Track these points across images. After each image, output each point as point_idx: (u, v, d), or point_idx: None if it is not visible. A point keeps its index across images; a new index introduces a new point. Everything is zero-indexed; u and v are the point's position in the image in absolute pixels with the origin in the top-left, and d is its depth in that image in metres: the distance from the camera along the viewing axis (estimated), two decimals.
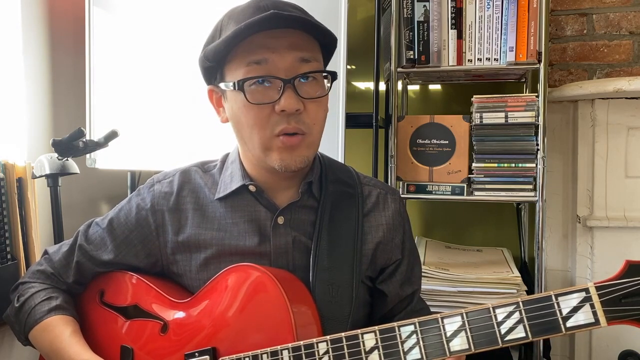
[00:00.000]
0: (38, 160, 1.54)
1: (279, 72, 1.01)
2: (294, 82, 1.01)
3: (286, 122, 1.02)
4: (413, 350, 0.86)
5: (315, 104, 1.04)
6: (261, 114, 1.02)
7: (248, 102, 1.02)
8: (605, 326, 0.74)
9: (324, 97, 1.06)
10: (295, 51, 1.02)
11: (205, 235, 1.12)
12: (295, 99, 1.01)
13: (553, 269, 2.14)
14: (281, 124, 1.02)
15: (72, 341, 1.09)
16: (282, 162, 1.04)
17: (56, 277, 1.19)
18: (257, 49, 1.01)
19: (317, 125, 1.06)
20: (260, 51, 1.01)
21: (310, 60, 1.03)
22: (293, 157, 1.04)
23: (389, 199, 1.19)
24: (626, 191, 1.98)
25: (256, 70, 1.01)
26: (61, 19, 1.91)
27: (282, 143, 1.03)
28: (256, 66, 1.01)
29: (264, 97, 1.02)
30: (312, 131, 1.05)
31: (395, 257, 1.17)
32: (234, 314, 1.00)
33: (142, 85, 1.83)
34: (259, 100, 1.02)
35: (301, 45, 1.03)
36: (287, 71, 1.01)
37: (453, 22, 1.80)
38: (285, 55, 1.01)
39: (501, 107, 1.78)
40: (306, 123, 1.03)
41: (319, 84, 1.05)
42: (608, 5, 2.12)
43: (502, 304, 0.82)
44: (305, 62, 1.03)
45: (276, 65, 1.01)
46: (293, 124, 1.02)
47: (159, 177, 1.20)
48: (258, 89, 1.02)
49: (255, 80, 1.01)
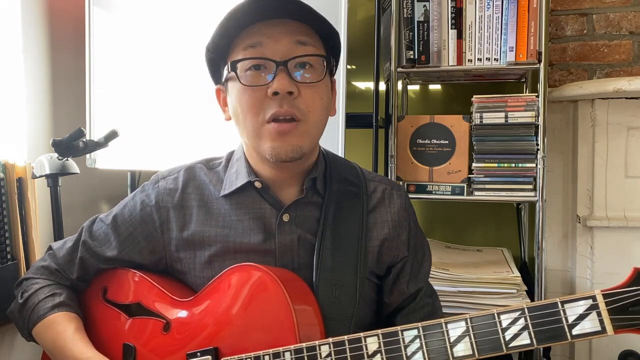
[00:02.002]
0: (38, 160, 1.54)
1: (274, 55, 1.01)
2: (287, 64, 1.00)
3: (278, 105, 1.01)
4: (416, 355, 0.85)
5: (310, 89, 1.03)
6: (254, 97, 1.02)
7: (242, 84, 1.02)
8: (612, 334, 0.73)
9: (319, 82, 1.04)
10: (293, 35, 1.02)
11: (209, 232, 1.12)
12: (288, 81, 1.00)
13: (553, 269, 2.14)
14: (273, 108, 1.01)
15: (75, 338, 1.09)
16: (273, 150, 1.02)
17: (60, 273, 1.19)
18: (254, 35, 1.02)
19: (313, 112, 1.04)
20: (256, 36, 1.02)
21: (307, 44, 1.03)
22: (284, 146, 1.02)
23: (394, 195, 1.19)
24: (626, 191, 1.98)
25: (250, 53, 1.02)
26: (61, 19, 1.90)
27: (274, 129, 1.01)
28: (251, 49, 1.02)
29: (257, 80, 1.02)
30: (307, 118, 1.03)
31: (402, 254, 1.16)
32: (236, 314, 1.00)
33: (142, 85, 1.83)
34: (253, 83, 1.02)
35: (298, 32, 1.03)
36: (282, 55, 1.01)
37: (453, 22, 1.79)
38: (280, 39, 1.01)
39: (501, 107, 1.78)
40: (300, 108, 1.02)
41: (316, 71, 1.04)
42: (608, 5, 2.12)
43: (507, 310, 0.81)
44: (301, 45, 1.02)
45: (270, 48, 1.01)
46: (285, 107, 1.01)
47: (163, 174, 1.20)
48: (252, 72, 1.02)
49: (250, 64, 1.02)
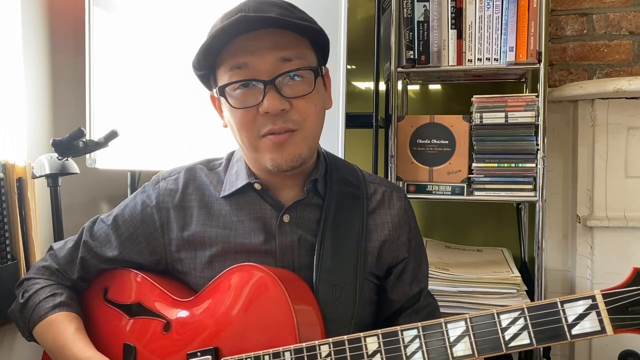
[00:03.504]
0: (38, 160, 1.54)
1: (260, 74, 1.00)
2: (274, 82, 1.00)
3: (272, 123, 1.01)
4: (416, 355, 0.85)
5: (303, 100, 1.03)
6: (247, 116, 1.02)
7: (232, 107, 1.02)
8: (612, 334, 0.73)
9: (310, 93, 1.03)
10: (276, 51, 1.00)
11: (210, 232, 1.12)
12: (279, 99, 1.00)
13: (553, 269, 2.14)
14: (267, 125, 1.01)
15: (75, 338, 1.09)
16: (273, 162, 1.03)
17: (61, 274, 1.19)
18: (239, 53, 1.01)
19: (310, 119, 1.04)
20: (241, 55, 1.00)
21: (292, 59, 1.02)
22: (283, 156, 1.03)
23: (394, 197, 1.19)
24: (626, 191, 1.98)
25: (237, 75, 1.01)
26: (61, 19, 1.90)
27: (270, 141, 1.02)
28: (237, 71, 1.01)
29: (247, 101, 1.01)
30: (304, 126, 1.03)
31: (402, 256, 1.16)
32: (237, 314, 1.00)
33: (142, 86, 1.83)
34: (243, 104, 1.02)
35: (283, 45, 1.01)
36: (268, 73, 1.00)
37: (453, 22, 1.79)
38: (265, 57, 1.00)
39: (501, 107, 1.78)
40: (295, 120, 1.02)
41: (305, 82, 1.03)
42: (608, 5, 2.12)
43: (506, 310, 0.81)
44: (286, 62, 1.01)
45: (256, 67, 1.00)
46: (280, 124, 1.01)
47: (164, 175, 1.20)
48: (241, 92, 1.02)
49: (238, 85, 1.01)
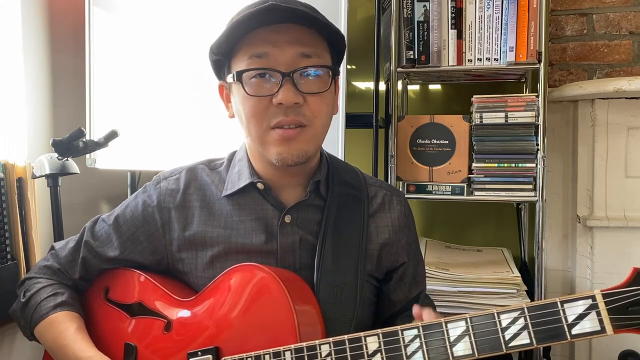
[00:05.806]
0: (38, 160, 1.54)
1: (279, 65, 1.01)
2: (292, 75, 1.01)
3: (283, 115, 1.01)
4: (416, 355, 0.85)
5: (317, 97, 1.04)
6: (259, 105, 1.02)
7: (247, 94, 1.02)
8: (612, 334, 0.73)
9: (325, 92, 1.04)
10: (297, 46, 1.01)
11: (212, 232, 1.12)
12: (294, 93, 1.00)
13: (553, 269, 2.14)
14: (278, 117, 1.02)
15: (76, 337, 1.09)
16: (279, 155, 1.03)
17: (62, 273, 1.19)
18: (260, 43, 1.01)
19: (319, 118, 1.05)
20: (262, 44, 1.01)
21: (312, 56, 1.03)
22: (290, 151, 1.03)
23: (394, 200, 1.20)
24: (626, 191, 1.98)
25: (256, 63, 1.02)
26: (61, 19, 1.90)
27: (279, 135, 1.02)
28: (257, 59, 1.02)
29: (262, 90, 1.02)
30: (314, 124, 1.04)
31: (402, 259, 1.17)
32: (238, 314, 1.00)
33: (142, 85, 1.83)
34: (257, 93, 1.02)
35: (304, 41, 1.02)
36: (287, 65, 1.01)
37: (453, 22, 1.80)
38: (286, 50, 1.01)
39: (501, 107, 1.78)
40: (307, 115, 1.03)
41: (321, 80, 1.04)
42: (608, 5, 2.12)
43: (506, 310, 0.81)
44: (306, 58, 1.02)
45: (276, 59, 1.01)
46: (291, 116, 1.01)
47: (165, 175, 1.20)
48: (257, 81, 1.02)
49: (255, 73, 1.02)
